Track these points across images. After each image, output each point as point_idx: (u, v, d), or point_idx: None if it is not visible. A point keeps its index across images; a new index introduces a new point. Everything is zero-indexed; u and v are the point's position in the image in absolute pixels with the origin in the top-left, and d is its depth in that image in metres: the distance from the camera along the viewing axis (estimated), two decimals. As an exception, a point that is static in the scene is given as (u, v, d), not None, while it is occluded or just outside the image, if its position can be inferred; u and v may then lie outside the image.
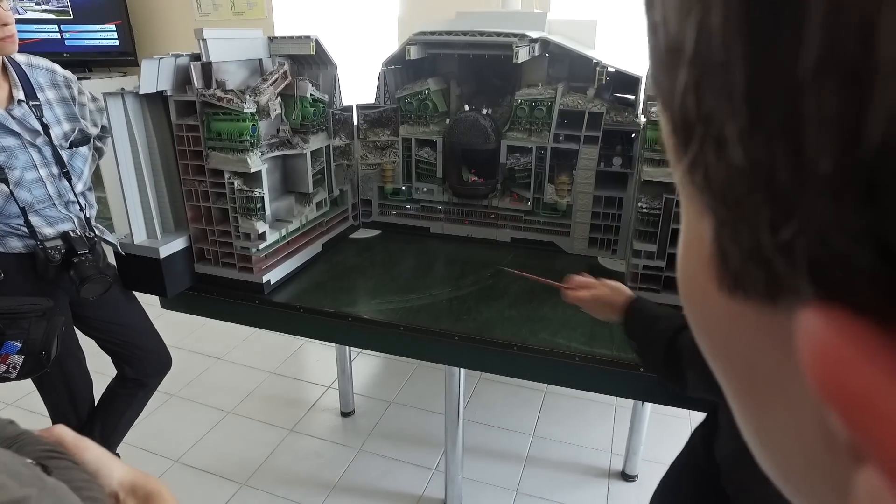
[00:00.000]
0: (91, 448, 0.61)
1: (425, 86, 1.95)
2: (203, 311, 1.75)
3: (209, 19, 4.30)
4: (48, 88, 1.56)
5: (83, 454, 0.60)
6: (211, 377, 2.81)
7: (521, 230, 1.98)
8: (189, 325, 3.16)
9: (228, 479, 2.16)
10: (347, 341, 1.94)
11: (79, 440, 0.61)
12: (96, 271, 1.58)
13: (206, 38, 1.48)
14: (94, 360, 1.85)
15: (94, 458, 0.60)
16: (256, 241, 1.60)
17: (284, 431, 2.41)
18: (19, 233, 1.52)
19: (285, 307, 1.59)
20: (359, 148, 2.02)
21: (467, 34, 1.72)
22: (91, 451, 0.61)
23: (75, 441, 0.61)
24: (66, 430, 0.62)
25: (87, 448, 0.61)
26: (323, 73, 1.88)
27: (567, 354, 1.36)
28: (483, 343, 1.42)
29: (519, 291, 1.65)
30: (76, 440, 0.61)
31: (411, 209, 2.10)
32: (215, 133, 1.52)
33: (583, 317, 1.51)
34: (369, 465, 2.23)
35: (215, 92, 1.49)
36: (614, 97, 1.88)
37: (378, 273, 1.78)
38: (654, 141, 1.41)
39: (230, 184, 1.55)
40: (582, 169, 1.83)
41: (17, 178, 1.47)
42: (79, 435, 0.62)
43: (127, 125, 1.51)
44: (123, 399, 1.88)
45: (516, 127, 1.88)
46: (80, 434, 0.63)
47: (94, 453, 0.61)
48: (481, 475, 2.16)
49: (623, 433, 2.22)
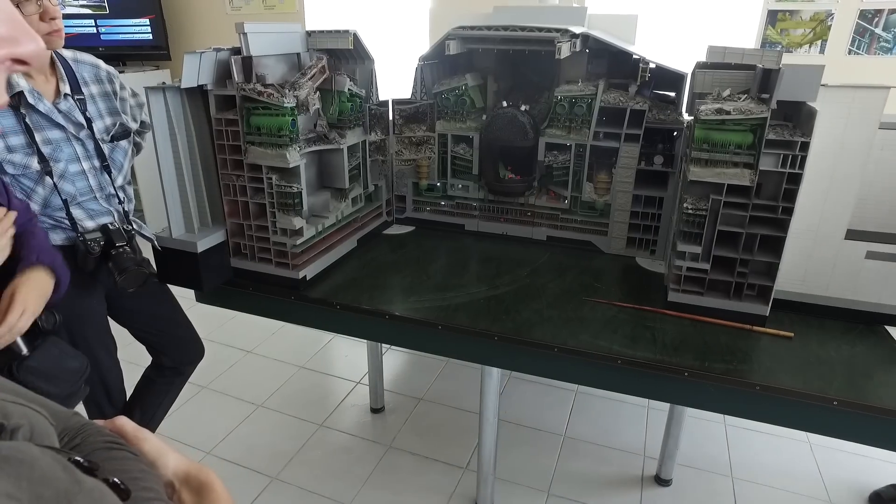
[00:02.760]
0: (150, 439, 0.62)
1: (462, 81, 1.93)
2: (238, 306, 1.76)
3: (241, 13, 4.32)
4: (92, 83, 1.58)
5: (142, 445, 0.61)
6: (241, 370, 2.83)
7: (558, 228, 1.94)
8: (219, 318, 3.19)
9: (260, 472, 2.17)
10: (384, 339, 1.93)
11: (138, 431, 0.62)
12: (133, 263, 1.59)
13: (246, 33, 1.47)
14: (124, 351, 1.87)
15: (152, 448, 0.61)
16: (294, 236, 1.59)
17: (314, 426, 2.42)
18: (62, 225, 1.54)
19: (322, 303, 1.58)
20: (394, 143, 2.00)
21: (508, 29, 1.69)
22: (150, 442, 0.62)
23: (135, 432, 0.62)
24: (127, 422, 0.63)
25: (146, 439, 0.62)
26: (360, 67, 1.86)
27: (609, 357, 1.33)
28: (523, 344, 1.39)
29: (557, 291, 1.62)
30: (136, 431, 0.62)
31: (446, 206, 2.08)
32: (254, 127, 1.51)
33: (623, 318, 1.49)
34: (400, 461, 2.22)
35: (255, 86, 1.48)
36: (654, 94, 1.83)
37: (413, 270, 1.77)
38: (702, 140, 1.37)
39: (268, 178, 1.55)
40: (622, 167, 1.79)
41: (62, 171, 1.49)
42: (138, 426, 0.63)
43: (167, 119, 1.51)
44: (161, 387, 1.90)
45: (555, 124, 1.85)
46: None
47: (152, 444, 0.62)
48: (512, 475, 2.13)
49: (657, 435, 2.18)
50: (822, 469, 2.18)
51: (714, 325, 1.45)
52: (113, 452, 0.56)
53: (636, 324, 1.47)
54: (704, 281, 1.48)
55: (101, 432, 0.59)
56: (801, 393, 1.22)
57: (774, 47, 3.06)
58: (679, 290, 1.51)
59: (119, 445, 0.58)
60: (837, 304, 1.50)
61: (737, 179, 1.36)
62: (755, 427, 2.35)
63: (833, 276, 1.48)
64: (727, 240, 1.43)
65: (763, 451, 2.27)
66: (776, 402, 1.24)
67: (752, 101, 1.34)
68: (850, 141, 1.34)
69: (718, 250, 1.44)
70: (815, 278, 1.49)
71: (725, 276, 1.45)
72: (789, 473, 2.16)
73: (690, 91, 1.59)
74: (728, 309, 1.47)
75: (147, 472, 0.56)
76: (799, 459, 2.23)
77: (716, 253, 1.44)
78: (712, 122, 1.35)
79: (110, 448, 0.56)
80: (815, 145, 1.30)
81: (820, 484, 2.11)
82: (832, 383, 1.24)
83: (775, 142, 1.32)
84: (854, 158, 1.35)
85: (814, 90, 1.30)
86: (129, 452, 0.58)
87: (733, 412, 1.35)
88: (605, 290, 1.63)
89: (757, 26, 3.13)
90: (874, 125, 1.31)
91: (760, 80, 1.38)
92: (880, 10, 2.84)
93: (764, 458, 2.23)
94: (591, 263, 1.82)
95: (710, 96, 1.42)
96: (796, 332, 1.42)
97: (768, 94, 1.32)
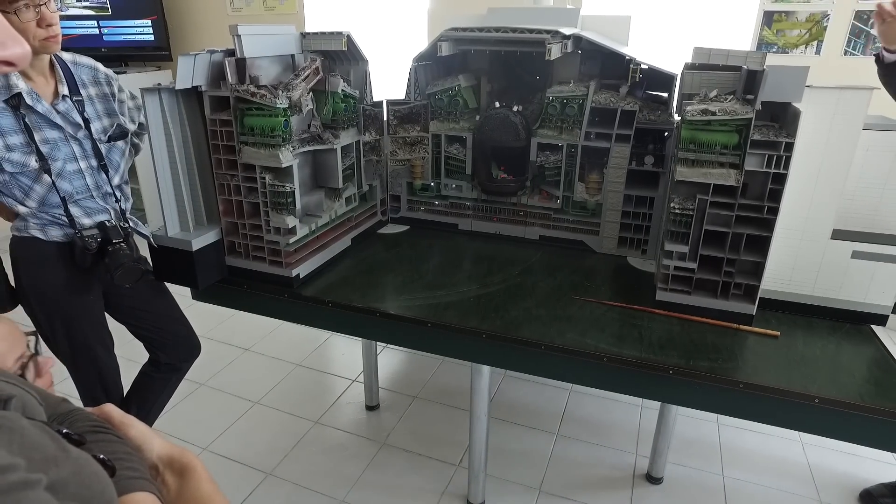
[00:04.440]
0: (135, 425, 0.65)
1: (456, 82, 1.95)
2: (233, 304, 1.78)
3: (241, 14, 4.35)
4: (90, 85, 1.60)
5: (128, 430, 0.64)
6: (239, 368, 2.86)
7: (550, 228, 1.96)
8: (218, 316, 3.21)
9: (255, 468, 2.19)
10: (375, 336, 1.95)
11: (125, 417, 0.66)
12: (130, 259, 1.61)
13: (240, 35, 1.50)
14: (122, 348, 1.89)
15: (137, 433, 0.64)
16: (287, 235, 1.62)
17: (310, 423, 2.44)
18: (59, 222, 1.57)
19: (314, 301, 1.61)
20: (388, 143, 2.02)
21: (499, 31, 1.71)
22: (135, 427, 0.65)
23: (121, 418, 0.65)
24: (114, 409, 0.66)
25: (131, 425, 0.65)
26: (354, 68, 1.88)
27: (595, 355, 1.35)
28: (510, 341, 1.41)
29: (547, 290, 1.64)
30: (122, 417, 0.65)
31: (440, 205, 2.10)
32: (248, 128, 1.53)
33: (611, 317, 1.50)
34: (393, 459, 2.24)
35: (249, 87, 1.50)
36: (647, 94, 1.85)
37: (406, 269, 1.79)
38: (688, 140, 1.38)
39: (262, 178, 1.57)
40: (613, 167, 1.80)
41: (59, 169, 1.51)
42: (124, 413, 0.66)
43: (163, 120, 1.53)
44: (158, 383, 1.93)
45: (547, 124, 1.86)
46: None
47: (137, 430, 0.65)
48: (504, 473, 2.15)
49: (649, 434, 2.19)
50: (813, 467, 2.19)
51: (701, 323, 1.47)
52: (99, 435, 0.59)
53: (624, 322, 1.48)
54: (692, 280, 1.50)
55: (88, 417, 0.62)
56: (784, 391, 1.23)
57: (770, 48, 3.07)
58: (667, 290, 1.52)
59: (105, 429, 0.61)
60: (824, 304, 1.51)
61: (723, 179, 1.38)
62: (747, 426, 2.36)
63: (819, 275, 1.49)
64: (714, 239, 1.44)
65: (754, 450, 2.28)
66: (759, 400, 1.26)
67: (738, 102, 1.36)
68: (835, 141, 1.36)
69: (705, 250, 1.45)
70: (802, 278, 1.51)
71: (713, 276, 1.47)
72: (780, 472, 2.17)
73: (680, 91, 1.60)
74: (715, 308, 1.48)
75: (132, 454, 0.59)
76: (790, 458, 2.24)
77: (703, 252, 1.46)
78: (698, 123, 1.37)
79: (97, 431, 0.59)
80: (800, 146, 1.32)
81: (811, 482, 2.12)
82: (815, 381, 1.26)
83: (760, 142, 1.34)
84: (839, 159, 1.37)
85: (799, 91, 1.31)
86: (114, 436, 0.60)
87: (717, 410, 1.37)
88: (594, 289, 1.65)
89: (753, 27, 3.14)
90: (858, 126, 1.33)
91: (746, 81, 1.39)
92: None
93: (755, 457, 2.24)
94: (583, 263, 1.84)
95: (698, 97, 1.43)
96: (783, 331, 1.44)
97: (753, 94, 1.34)
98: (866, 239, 1.44)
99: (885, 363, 1.34)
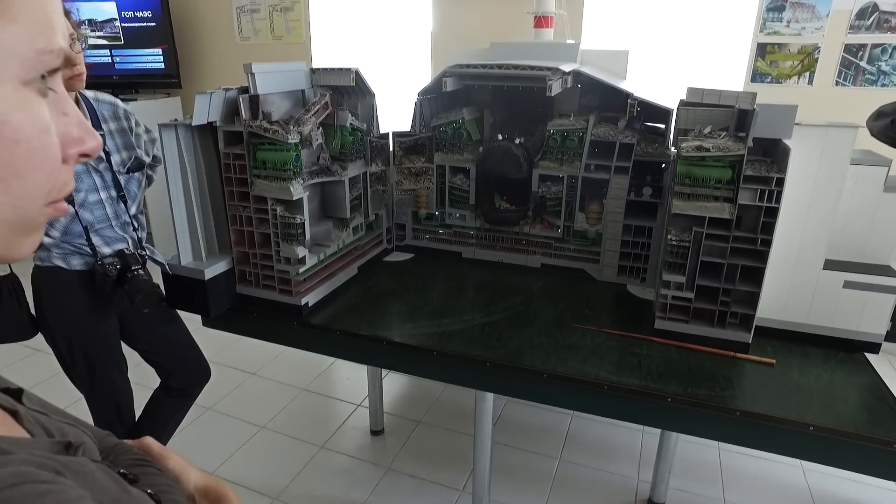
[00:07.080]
0: (173, 457, 0.70)
1: (460, 115, 2.01)
2: (243, 331, 1.82)
3: (249, 44, 4.46)
4: (111, 120, 1.68)
5: (167, 463, 0.68)
6: (245, 392, 2.89)
7: (552, 256, 2.01)
8: (225, 341, 3.24)
9: (261, 492, 2.21)
10: (382, 364, 1.99)
11: (163, 450, 0.70)
12: (148, 285, 1.67)
13: (254, 73, 1.57)
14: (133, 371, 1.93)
15: (175, 465, 0.68)
16: (296, 264, 1.67)
17: (315, 448, 2.47)
18: (82, 251, 1.63)
19: (323, 329, 1.65)
20: (394, 174, 2.08)
21: (502, 67, 1.78)
22: (173, 460, 0.69)
23: (160, 451, 0.69)
24: (153, 442, 0.70)
25: (169, 457, 0.69)
26: (362, 102, 1.95)
27: (596, 383, 1.39)
28: (514, 370, 1.45)
29: (549, 319, 1.69)
30: (161, 450, 0.69)
31: (444, 234, 2.15)
32: (260, 162, 1.60)
33: (611, 345, 1.55)
34: (398, 484, 2.26)
35: (262, 123, 1.57)
36: (645, 127, 1.91)
37: (411, 297, 1.83)
38: (684, 175, 1.44)
39: (273, 210, 1.63)
40: (612, 198, 1.86)
41: (82, 200, 1.58)
42: (163, 446, 0.70)
43: (179, 154, 1.60)
44: (169, 407, 1.97)
45: (548, 156, 1.93)
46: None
47: (175, 462, 0.69)
48: (508, 498, 2.17)
49: (651, 457, 2.22)
50: (814, 492, 2.21)
51: (699, 351, 1.51)
52: (143, 468, 0.63)
53: (623, 350, 1.52)
54: (689, 309, 1.54)
55: (130, 451, 0.66)
56: (780, 419, 1.27)
57: (765, 79, 3.15)
58: (665, 318, 1.57)
59: (147, 462, 0.65)
60: (818, 332, 1.55)
61: (717, 213, 1.43)
62: (748, 451, 2.38)
63: (813, 304, 1.54)
64: (710, 270, 1.49)
65: (756, 474, 2.30)
66: (756, 428, 1.29)
67: (731, 139, 1.42)
68: (824, 176, 1.41)
69: (702, 280, 1.50)
70: (796, 307, 1.55)
71: (709, 305, 1.52)
72: (781, 496, 2.19)
73: (676, 126, 1.66)
74: (712, 336, 1.52)
75: (173, 486, 0.64)
76: (791, 482, 2.26)
77: (699, 282, 1.50)
78: (693, 159, 1.42)
79: (139, 465, 0.64)
80: (790, 180, 1.37)
81: (812, 508, 2.14)
82: (810, 409, 1.30)
83: (753, 177, 1.39)
84: (828, 192, 1.42)
85: (788, 128, 1.37)
86: (155, 469, 0.65)
87: (715, 437, 1.40)
88: (595, 318, 1.69)
89: (747, 59, 3.23)
90: (845, 161, 1.38)
91: (738, 119, 1.46)
92: (864, 44, 2.94)
93: (757, 481, 2.26)
94: (584, 291, 1.88)
95: (693, 132, 1.49)
96: (778, 359, 1.48)
97: (745, 132, 1.40)
98: (857, 269, 1.49)
99: (878, 391, 1.38)
